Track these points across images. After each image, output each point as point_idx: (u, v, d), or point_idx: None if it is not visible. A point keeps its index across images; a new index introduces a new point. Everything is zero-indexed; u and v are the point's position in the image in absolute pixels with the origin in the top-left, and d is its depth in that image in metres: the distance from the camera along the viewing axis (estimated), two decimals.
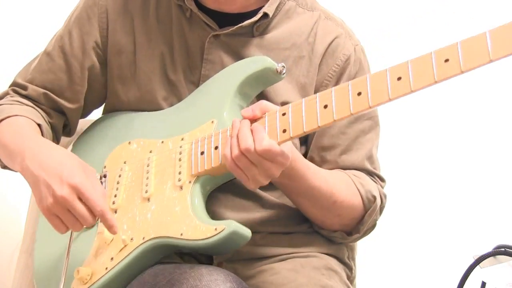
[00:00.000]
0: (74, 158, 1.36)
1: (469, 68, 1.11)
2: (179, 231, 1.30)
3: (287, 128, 1.25)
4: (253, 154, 1.23)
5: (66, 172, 1.30)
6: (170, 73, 1.46)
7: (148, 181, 1.39)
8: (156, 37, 1.48)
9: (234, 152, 1.24)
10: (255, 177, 1.25)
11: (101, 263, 1.37)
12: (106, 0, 1.51)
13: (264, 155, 1.23)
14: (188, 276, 1.22)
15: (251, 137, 1.24)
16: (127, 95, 1.50)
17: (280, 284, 1.39)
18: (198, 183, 1.33)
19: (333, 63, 1.46)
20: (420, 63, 1.15)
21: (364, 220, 1.45)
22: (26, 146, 1.37)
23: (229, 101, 1.36)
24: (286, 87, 1.44)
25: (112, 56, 1.50)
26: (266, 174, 1.25)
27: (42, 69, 1.53)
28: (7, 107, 1.49)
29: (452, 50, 1.12)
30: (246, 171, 1.25)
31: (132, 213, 1.38)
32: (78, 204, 1.29)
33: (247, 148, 1.23)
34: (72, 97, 1.53)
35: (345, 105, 1.21)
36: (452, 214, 2.40)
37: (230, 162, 1.26)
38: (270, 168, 1.25)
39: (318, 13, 1.50)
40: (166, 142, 1.41)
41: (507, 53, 1.08)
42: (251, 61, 1.39)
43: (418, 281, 2.38)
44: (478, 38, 1.10)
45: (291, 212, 1.46)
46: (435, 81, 1.13)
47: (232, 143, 1.25)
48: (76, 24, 1.53)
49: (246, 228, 1.28)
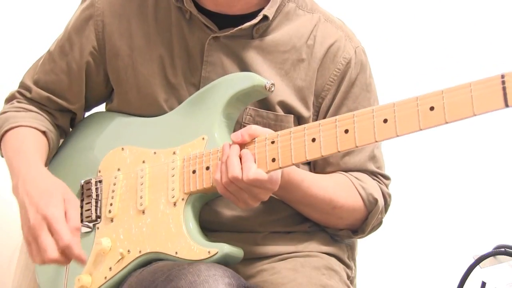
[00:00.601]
0: (57, 188, 1.38)
1: (454, 119, 1.13)
2: (174, 249, 1.33)
3: (276, 158, 1.27)
4: (241, 182, 1.26)
5: (42, 202, 1.33)
6: (170, 76, 1.46)
7: (142, 194, 1.41)
8: (155, 39, 1.47)
9: (223, 179, 1.28)
10: (246, 200, 1.29)
11: (100, 272, 1.41)
12: (103, 3, 1.51)
13: (252, 184, 1.26)
14: (187, 272, 1.23)
15: (239, 165, 1.26)
16: (127, 97, 1.51)
17: (280, 284, 1.39)
18: (191, 201, 1.36)
19: (333, 67, 1.46)
20: (405, 108, 1.16)
21: (367, 221, 1.46)
22: (21, 170, 1.41)
23: (218, 118, 1.39)
24: (283, 88, 1.44)
25: (110, 59, 1.51)
26: (256, 198, 1.29)
27: (45, 69, 1.56)
28: (12, 115, 1.53)
29: (437, 98, 1.14)
30: (236, 195, 1.29)
31: (128, 224, 1.41)
32: (44, 235, 1.30)
33: (235, 176, 1.25)
34: (72, 98, 1.56)
35: (332, 142, 1.23)
36: (452, 214, 2.40)
37: (220, 187, 1.29)
38: (259, 193, 1.28)
39: (318, 15, 1.49)
40: (158, 154, 1.43)
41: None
42: (241, 77, 1.39)
43: (418, 281, 2.38)
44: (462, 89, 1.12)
45: (292, 212, 1.46)
46: (420, 129, 1.16)
47: (222, 170, 1.28)
48: (74, 27, 1.54)
49: (239, 250, 1.32)
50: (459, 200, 2.40)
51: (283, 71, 1.44)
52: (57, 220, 1.31)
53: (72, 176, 1.53)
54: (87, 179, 1.50)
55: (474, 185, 2.39)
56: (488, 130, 2.38)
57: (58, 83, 1.55)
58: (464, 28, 2.43)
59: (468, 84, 1.11)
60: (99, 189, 1.47)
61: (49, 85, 1.55)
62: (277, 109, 1.43)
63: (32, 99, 1.57)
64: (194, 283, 1.21)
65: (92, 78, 1.54)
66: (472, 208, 2.39)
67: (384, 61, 2.12)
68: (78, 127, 1.60)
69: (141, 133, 1.48)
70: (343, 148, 1.22)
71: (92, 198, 1.47)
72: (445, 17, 2.44)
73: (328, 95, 1.46)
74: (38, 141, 1.51)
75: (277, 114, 1.43)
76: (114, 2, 1.51)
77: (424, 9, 2.46)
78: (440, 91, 1.14)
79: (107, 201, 1.46)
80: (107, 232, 1.43)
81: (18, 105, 1.57)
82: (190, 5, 1.44)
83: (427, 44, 2.44)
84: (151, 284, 1.27)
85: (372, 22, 2.41)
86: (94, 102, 1.60)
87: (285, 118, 1.43)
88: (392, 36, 2.42)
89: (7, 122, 1.52)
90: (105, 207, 1.46)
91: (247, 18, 1.43)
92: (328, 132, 1.23)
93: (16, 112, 1.55)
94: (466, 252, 1.81)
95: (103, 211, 1.46)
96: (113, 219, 1.44)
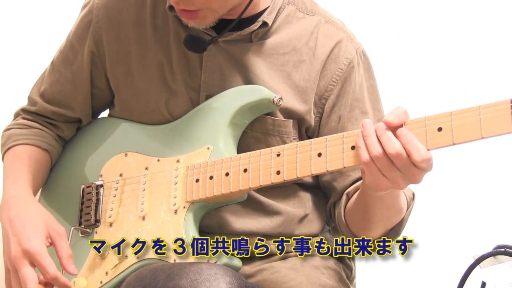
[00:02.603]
0: (41, 218, 1.39)
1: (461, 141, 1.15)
2: (172, 257, 1.33)
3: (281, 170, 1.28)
4: (405, 160, 1.17)
5: (24, 235, 1.35)
6: (170, 82, 1.45)
7: (144, 200, 1.41)
8: (154, 46, 1.46)
9: (374, 152, 1.18)
10: (395, 179, 1.19)
11: (96, 276, 1.41)
12: (100, 10, 1.50)
13: (424, 162, 1.17)
14: (188, 271, 1.23)
15: (398, 142, 1.17)
16: (128, 104, 1.50)
17: (280, 283, 1.39)
18: (192, 210, 1.36)
19: (336, 67, 1.45)
20: (414, 127, 1.17)
21: (404, 220, 1.42)
22: (8, 195, 1.43)
23: (224, 129, 1.38)
24: (285, 91, 1.42)
25: (110, 66, 1.50)
26: (411, 179, 1.20)
27: (51, 81, 1.56)
28: (15, 133, 1.54)
29: (445, 120, 1.15)
30: (385, 172, 1.19)
31: (127, 229, 1.41)
32: (25, 268, 1.33)
33: (397, 153, 1.17)
34: (78, 107, 1.55)
35: (339, 157, 1.24)
36: (452, 214, 2.39)
37: (366, 160, 1.19)
38: (418, 173, 1.19)
39: (318, 17, 1.47)
40: (162, 161, 1.43)
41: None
42: (249, 90, 1.40)
43: (418, 281, 2.38)
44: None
45: (294, 217, 1.46)
46: (428, 149, 1.17)
47: (370, 143, 1.19)
48: (76, 35, 1.54)
49: (237, 259, 1.32)
50: (459, 200, 2.39)
51: (284, 73, 1.43)
52: (39, 254, 1.33)
53: (75, 179, 1.53)
54: (88, 183, 1.50)
55: (474, 185, 2.39)
56: None
57: (64, 93, 1.55)
58: (464, 28, 2.43)
59: (477, 107, 1.13)
60: (100, 194, 1.47)
61: (56, 95, 1.55)
62: (278, 114, 1.42)
63: (36, 113, 1.57)
64: (195, 282, 1.21)
65: (96, 85, 1.54)
66: (472, 208, 2.38)
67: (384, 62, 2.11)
68: (82, 131, 1.59)
69: (146, 140, 1.47)
70: (349, 164, 1.23)
71: (92, 202, 1.47)
72: (443, 17, 2.45)
73: (332, 96, 1.45)
74: (36, 160, 1.51)
75: (275, 119, 1.42)
76: (111, 9, 1.50)
77: (423, 9, 2.46)
78: (449, 112, 1.15)
79: (107, 206, 1.45)
80: (105, 236, 1.43)
81: (22, 121, 1.57)
82: None
83: (426, 44, 2.44)
84: (152, 282, 1.27)
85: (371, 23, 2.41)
86: (100, 108, 1.59)
87: (283, 123, 1.42)
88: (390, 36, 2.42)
89: (9, 139, 1.54)
90: (105, 212, 1.45)
91: (246, 21, 1.42)
92: (334, 148, 1.24)
93: (19, 129, 1.56)
94: (466, 252, 1.80)
95: (102, 216, 1.45)
96: (112, 224, 1.44)
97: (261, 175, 1.30)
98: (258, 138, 1.42)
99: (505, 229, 2.29)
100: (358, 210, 1.40)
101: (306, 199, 1.49)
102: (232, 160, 1.34)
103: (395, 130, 1.19)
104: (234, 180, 1.32)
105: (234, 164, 1.33)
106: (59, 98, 1.55)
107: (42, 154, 1.54)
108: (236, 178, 1.32)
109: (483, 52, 2.42)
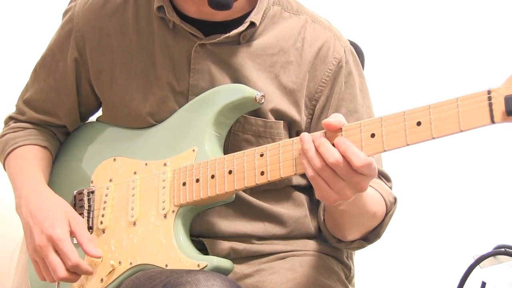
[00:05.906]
0: (60, 208, 1.41)
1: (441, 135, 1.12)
2: (164, 261, 1.34)
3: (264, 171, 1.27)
4: (344, 168, 1.16)
5: (47, 223, 1.37)
6: (155, 88, 1.44)
7: (134, 205, 1.42)
8: (138, 53, 1.46)
9: (316, 165, 1.18)
10: (342, 190, 1.18)
11: (92, 283, 1.42)
12: (80, 18, 1.50)
13: (364, 168, 1.16)
14: (185, 281, 1.22)
15: (337, 151, 1.17)
16: (113, 112, 1.50)
17: (279, 283, 1.39)
18: (181, 213, 1.36)
19: (325, 68, 1.44)
20: (392, 123, 1.15)
21: (384, 223, 1.41)
22: (23, 189, 1.45)
23: (208, 130, 1.38)
24: (274, 92, 1.42)
25: (94, 75, 1.50)
26: (356, 188, 1.19)
27: (35, 88, 1.57)
28: (11, 137, 1.56)
29: (424, 113, 1.12)
30: (331, 183, 1.18)
31: (119, 235, 1.42)
32: (51, 255, 1.35)
33: (335, 162, 1.16)
34: (64, 115, 1.56)
35: None
36: (452, 214, 2.40)
37: (311, 174, 1.19)
38: (362, 181, 1.18)
39: (305, 17, 1.47)
40: (149, 165, 1.43)
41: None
42: (231, 89, 1.39)
43: (418, 281, 2.38)
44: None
45: (289, 219, 1.46)
46: (407, 144, 1.15)
47: (311, 156, 1.19)
48: (57, 43, 1.54)
49: (228, 261, 1.32)
50: (459, 201, 2.40)
51: (272, 74, 1.43)
52: (63, 241, 1.35)
53: (66, 186, 1.53)
54: (79, 189, 1.50)
55: (474, 185, 2.39)
56: (488, 130, 2.38)
57: (48, 101, 1.55)
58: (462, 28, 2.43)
59: (454, 100, 1.10)
60: (91, 200, 1.48)
61: (41, 103, 1.56)
62: (268, 116, 1.42)
63: (26, 121, 1.59)
64: None
65: (82, 93, 1.54)
66: (472, 208, 2.39)
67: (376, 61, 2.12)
68: (71, 137, 1.60)
69: (133, 144, 1.47)
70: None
71: (84, 209, 1.47)
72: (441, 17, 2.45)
73: (322, 97, 1.44)
74: (40, 157, 1.53)
75: (266, 120, 1.41)
76: (92, 18, 1.49)
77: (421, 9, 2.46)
78: (427, 106, 1.12)
79: (99, 212, 1.46)
80: (98, 243, 1.43)
81: (15, 125, 1.58)
82: (172, 15, 1.42)
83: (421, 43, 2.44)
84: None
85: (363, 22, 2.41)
86: (89, 113, 1.60)
87: (274, 125, 1.42)
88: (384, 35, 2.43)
89: (7, 145, 1.55)
90: (97, 218, 1.46)
91: (232, 23, 1.42)
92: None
93: (14, 132, 1.57)
94: (466, 252, 1.81)
95: (95, 222, 1.46)
96: (104, 230, 1.44)
97: (245, 176, 1.29)
98: (249, 141, 1.42)
99: (505, 229, 2.29)
100: (329, 218, 1.41)
101: (302, 200, 1.48)
102: (217, 162, 1.33)
103: (334, 138, 1.18)
104: (220, 182, 1.32)
105: (219, 166, 1.33)
106: (44, 106, 1.56)
107: (42, 151, 1.55)
108: (221, 180, 1.32)
109: (481, 52, 2.42)
